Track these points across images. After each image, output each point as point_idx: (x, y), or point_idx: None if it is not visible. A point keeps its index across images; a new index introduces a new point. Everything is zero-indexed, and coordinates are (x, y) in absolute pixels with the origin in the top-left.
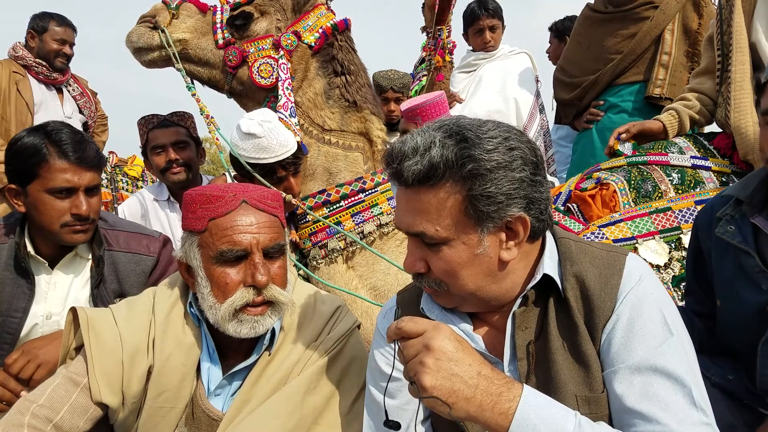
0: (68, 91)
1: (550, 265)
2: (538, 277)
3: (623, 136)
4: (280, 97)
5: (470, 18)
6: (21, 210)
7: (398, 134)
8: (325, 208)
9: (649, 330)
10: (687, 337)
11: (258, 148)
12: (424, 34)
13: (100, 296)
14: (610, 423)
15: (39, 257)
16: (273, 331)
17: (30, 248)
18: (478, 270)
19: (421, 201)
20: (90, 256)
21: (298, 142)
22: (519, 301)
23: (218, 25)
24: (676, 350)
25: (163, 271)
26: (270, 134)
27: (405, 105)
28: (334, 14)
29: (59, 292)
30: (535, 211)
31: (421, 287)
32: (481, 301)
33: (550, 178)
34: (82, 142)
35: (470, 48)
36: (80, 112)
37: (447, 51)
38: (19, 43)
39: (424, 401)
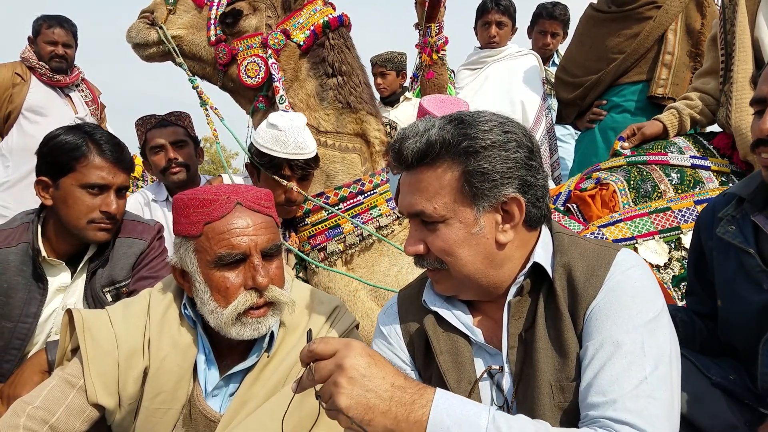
0: (80, 95)
1: (541, 255)
2: (528, 265)
3: (625, 144)
4: (282, 98)
5: (481, 10)
6: (48, 203)
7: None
8: (323, 211)
9: (624, 314)
10: (664, 323)
11: (275, 139)
12: (418, 31)
13: (92, 287)
14: None
15: (55, 260)
16: (271, 332)
17: (44, 253)
18: (476, 251)
19: (420, 180)
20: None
21: (316, 155)
22: (514, 291)
23: (212, 22)
24: (642, 332)
25: (152, 258)
26: (290, 131)
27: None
28: (334, 9)
29: (79, 285)
30: (531, 195)
31: (424, 269)
32: (480, 288)
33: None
34: (120, 144)
35: (477, 45)
36: None
37: (434, 49)
38: (27, 46)
39: (341, 423)
